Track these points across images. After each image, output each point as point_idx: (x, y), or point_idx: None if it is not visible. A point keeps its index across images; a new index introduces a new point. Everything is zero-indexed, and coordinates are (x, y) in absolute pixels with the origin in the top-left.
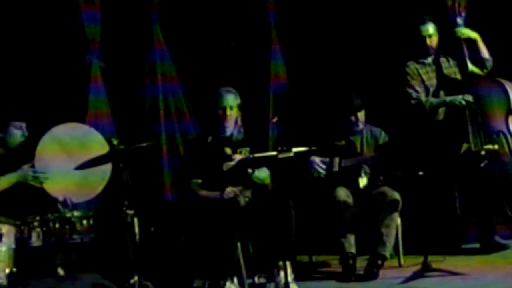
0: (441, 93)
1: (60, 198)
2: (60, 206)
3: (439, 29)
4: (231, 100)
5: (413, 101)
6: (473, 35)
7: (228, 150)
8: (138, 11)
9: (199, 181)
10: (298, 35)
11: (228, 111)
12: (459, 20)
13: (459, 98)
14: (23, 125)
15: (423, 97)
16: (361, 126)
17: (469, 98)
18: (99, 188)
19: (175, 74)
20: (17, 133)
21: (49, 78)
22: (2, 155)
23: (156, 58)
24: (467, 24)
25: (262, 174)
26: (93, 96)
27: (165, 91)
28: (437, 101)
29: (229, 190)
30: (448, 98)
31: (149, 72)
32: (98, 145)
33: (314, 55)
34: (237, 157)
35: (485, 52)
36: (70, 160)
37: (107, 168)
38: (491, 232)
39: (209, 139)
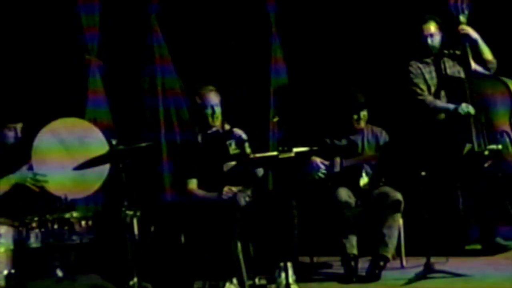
0: (442, 92)
1: (62, 195)
2: (58, 203)
3: (441, 28)
4: (216, 98)
5: (420, 97)
6: (475, 35)
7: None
8: (138, 9)
9: (195, 181)
10: (300, 34)
11: (216, 109)
12: (462, 18)
13: (464, 108)
14: (18, 126)
15: (427, 95)
16: (363, 124)
17: (471, 110)
18: (97, 186)
19: (175, 74)
20: (11, 135)
21: (48, 78)
22: None
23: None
24: (470, 22)
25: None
26: (92, 97)
27: (164, 95)
28: (441, 105)
29: (227, 190)
30: (452, 106)
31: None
32: (97, 141)
33: (315, 54)
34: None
35: (487, 54)
36: (68, 155)
37: (105, 165)
38: (493, 232)
39: (199, 138)
